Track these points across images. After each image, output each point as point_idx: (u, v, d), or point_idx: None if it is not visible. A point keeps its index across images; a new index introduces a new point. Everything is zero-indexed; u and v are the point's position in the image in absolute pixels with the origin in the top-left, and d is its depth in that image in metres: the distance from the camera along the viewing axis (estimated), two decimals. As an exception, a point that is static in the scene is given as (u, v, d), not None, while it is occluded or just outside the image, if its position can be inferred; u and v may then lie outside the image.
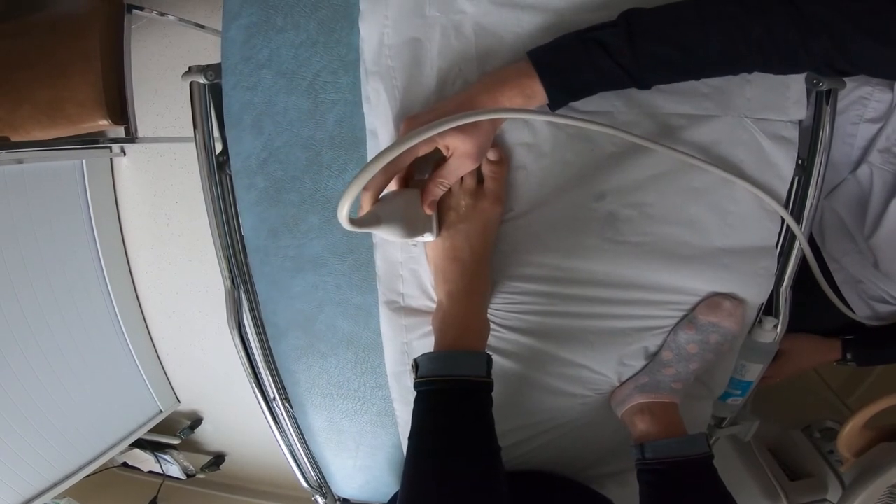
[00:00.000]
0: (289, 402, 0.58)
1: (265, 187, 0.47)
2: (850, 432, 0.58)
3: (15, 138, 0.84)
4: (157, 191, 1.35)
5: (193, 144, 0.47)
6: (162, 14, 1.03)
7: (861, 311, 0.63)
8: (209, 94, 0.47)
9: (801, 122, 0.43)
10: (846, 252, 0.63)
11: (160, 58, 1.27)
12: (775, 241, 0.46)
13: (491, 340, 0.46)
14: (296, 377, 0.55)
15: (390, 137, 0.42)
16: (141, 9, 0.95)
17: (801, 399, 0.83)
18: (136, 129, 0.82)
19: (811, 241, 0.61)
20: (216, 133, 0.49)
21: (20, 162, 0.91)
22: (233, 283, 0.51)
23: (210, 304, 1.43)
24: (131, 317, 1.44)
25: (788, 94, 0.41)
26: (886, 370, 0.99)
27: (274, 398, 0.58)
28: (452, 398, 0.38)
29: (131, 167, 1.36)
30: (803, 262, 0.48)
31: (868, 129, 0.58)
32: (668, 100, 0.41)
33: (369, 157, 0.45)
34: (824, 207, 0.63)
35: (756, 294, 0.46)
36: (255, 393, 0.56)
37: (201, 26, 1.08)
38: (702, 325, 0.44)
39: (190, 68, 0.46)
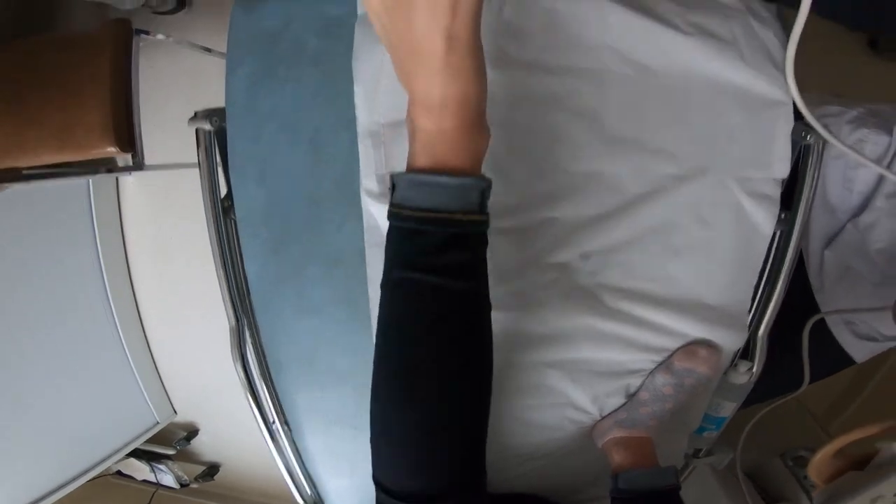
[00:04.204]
0: (287, 426, 0.60)
1: (268, 238, 0.50)
2: (821, 461, 0.61)
3: (23, 161, 0.86)
4: (161, 207, 1.38)
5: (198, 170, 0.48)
6: (168, 37, 1.06)
7: (854, 351, 0.64)
8: (215, 139, 0.49)
9: (784, 180, 0.45)
10: (856, 297, 0.59)
11: (167, 78, 1.30)
12: (752, 295, 0.49)
13: None
14: (295, 404, 0.57)
15: (380, 193, 0.44)
16: (148, 33, 0.98)
17: (784, 425, 0.86)
18: (143, 157, 0.85)
19: (804, 285, 0.61)
20: (222, 170, 0.51)
21: (28, 179, 0.94)
22: (237, 320, 0.53)
23: (209, 318, 1.45)
24: (131, 330, 1.47)
25: (773, 151, 0.44)
26: (868, 398, 1.02)
27: (273, 421, 0.59)
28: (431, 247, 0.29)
29: (136, 184, 1.39)
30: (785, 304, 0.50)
31: (868, 174, 0.56)
32: (658, 159, 0.44)
33: (364, 216, 0.46)
34: (826, 257, 0.61)
35: (732, 342, 0.49)
36: (255, 417, 0.58)
37: (208, 50, 1.11)
38: (678, 371, 0.47)
39: (196, 114, 0.48)
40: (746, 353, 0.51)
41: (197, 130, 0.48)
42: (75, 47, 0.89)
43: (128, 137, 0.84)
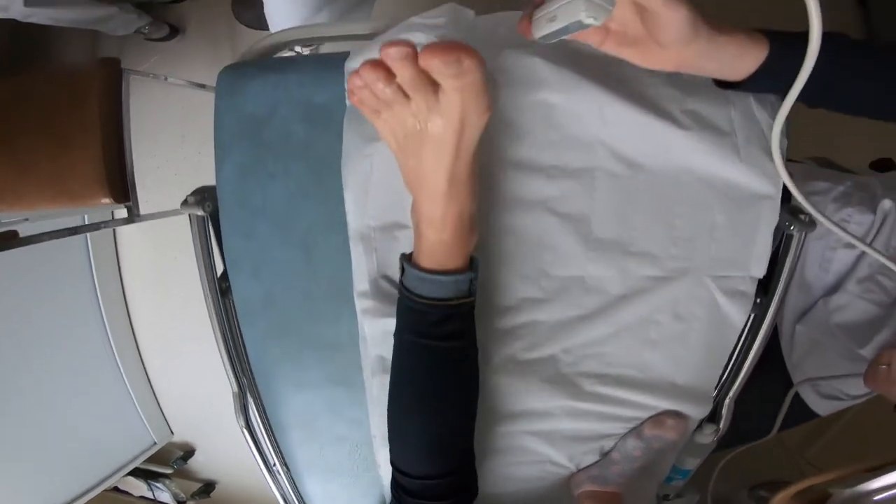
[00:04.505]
0: (287, 467, 0.62)
1: (266, 327, 0.51)
2: (780, 501, 0.65)
3: (18, 207, 0.86)
4: (158, 242, 1.39)
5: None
6: (159, 76, 1.06)
7: (817, 407, 0.67)
8: (209, 221, 0.50)
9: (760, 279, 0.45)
10: (822, 365, 0.62)
11: (159, 110, 1.31)
12: (720, 378, 0.52)
13: None
14: (295, 456, 0.60)
15: (374, 296, 0.46)
16: (138, 72, 0.98)
17: (757, 455, 0.90)
18: (138, 207, 0.86)
19: (775, 346, 0.62)
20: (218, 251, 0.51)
21: (25, 220, 0.95)
22: (239, 386, 0.56)
23: (205, 345, 1.47)
24: (128, 357, 1.51)
25: (753, 250, 0.45)
26: (841, 429, 1.05)
27: (274, 464, 0.62)
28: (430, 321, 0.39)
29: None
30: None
31: (845, 255, 0.57)
32: (640, 262, 0.46)
33: (358, 316, 0.47)
34: (797, 331, 0.63)
35: (699, 412, 0.52)
36: (257, 462, 0.60)
37: (202, 86, 1.12)
38: (647, 437, 0.51)
39: (186, 199, 0.48)
40: (712, 416, 0.55)
41: (190, 216, 0.49)
42: (65, 87, 0.88)
43: (122, 188, 0.84)
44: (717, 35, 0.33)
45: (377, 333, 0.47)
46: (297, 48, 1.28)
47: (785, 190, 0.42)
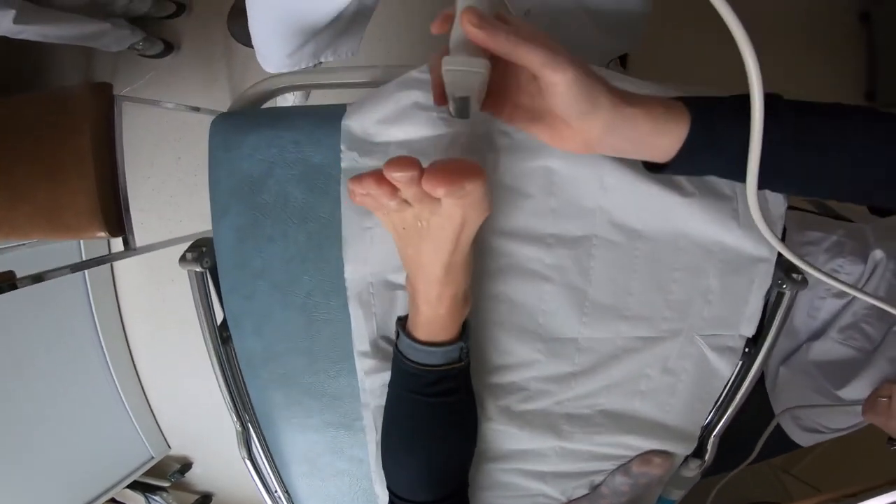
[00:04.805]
0: (288, 495, 0.63)
1: (268, 378, 0.51)
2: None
3: (13, 237, 0.86)
4: (155, 267, 1.39)
5: (192, 230, 0.49)
6: (150, 102, 1.04)
7: (799, 439, 0.69)
8: (208, 276, 0.50)
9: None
10: (803, 402, 0.63)
11: (155, 134, 1.29)
12: (705, 422, 0.54)
13: None
14: (296, 486, 0.61)
15: (374, 355, 0.47)
16: (131, 98, 0.96)
17: (743, 474, 0.91)
18: (134, 240, 0.86)
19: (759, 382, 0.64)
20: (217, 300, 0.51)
21: (23, 244, 0.95)
22: (242, 425, 0.56)
23: (201, 360, 1.48)
24: (124, 370, 1.52)
25: (745, 311, 0.46)
26: (830, 445, 1.07)
27: (276, 490, 0.63)
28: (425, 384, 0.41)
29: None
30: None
31: (833, 304, 0.59)
32: (634, 325, 0.46)
33: (358, 374, 0.48)
34: (781, 372, 0.65)
35: (685, 450, 0.54)
36: (259, 490, 0.61)
37: (195, 109, 1.11)
38: (635, 473, 0.53)
39: (185, 255, 0.49)
40: (698, 451, 0.56)
41: (189, 272, 0.49)
42: (56, 114, 0.86)
43: (116, 220, 0.84)
44: (623, 106, 0.29)
45: (377, 387, 0.48)
46: (298, 69, 1.28)
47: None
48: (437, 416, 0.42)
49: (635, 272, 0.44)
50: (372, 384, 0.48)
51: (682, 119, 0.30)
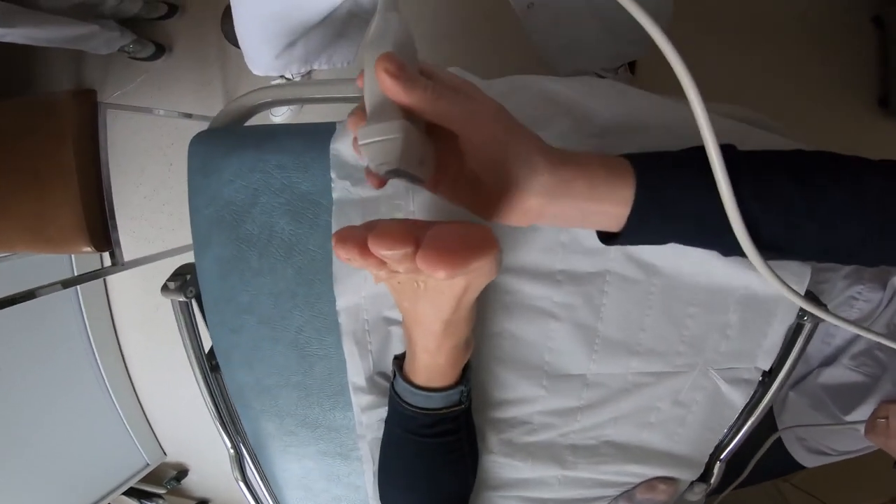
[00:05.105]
0: None
1: (261, 410, 0.49)
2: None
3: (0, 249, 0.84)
4: (146, 271, 1.35)
5: (184, 240, 0.47)
6: (137, 109, 1.00)
7: (803, 460, 0.68)
8: (193, 304, 0.47)
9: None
10: (806, 420, 0.62)
11: (146, 139, 1.26)
12: (714, 449, 0.52)
13: None
14: None
15: (370, 391, 0.44)
16: (116, 105, 0.93)
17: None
18: (121, 256, 0.83)
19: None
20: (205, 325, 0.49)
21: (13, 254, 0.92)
22: (235, 450, 0.54)
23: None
24: (117, 379, 1.50)
25: (763, 344, 0.43)
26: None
27: None
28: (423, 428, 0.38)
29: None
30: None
31: (848, 331, 0.58)
32: (646, 360, 0.44)
33: (356, 411, 0.46)
34: (790, 396, 0.64)
35: (690, 476, 0.52)
36: None
37: (187, 115, 1.07)
38: (639, 500, 0.52)
39: (166, 284, 0.47)
40: (703, 475, 0.54)
41: (171, 301, 0.47)
42: (39, 122, 0.82)
43: (102, 235, 0.81)
44: (562, 169, 0.25)
45: (374, 422, 0.46)
46: (289, 74, 1.24)
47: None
48: (437, 454, 0.40)
49: (650, 308, 0.42)
50: (369, 419, 0.46)
51: (624, 179, 0.27)
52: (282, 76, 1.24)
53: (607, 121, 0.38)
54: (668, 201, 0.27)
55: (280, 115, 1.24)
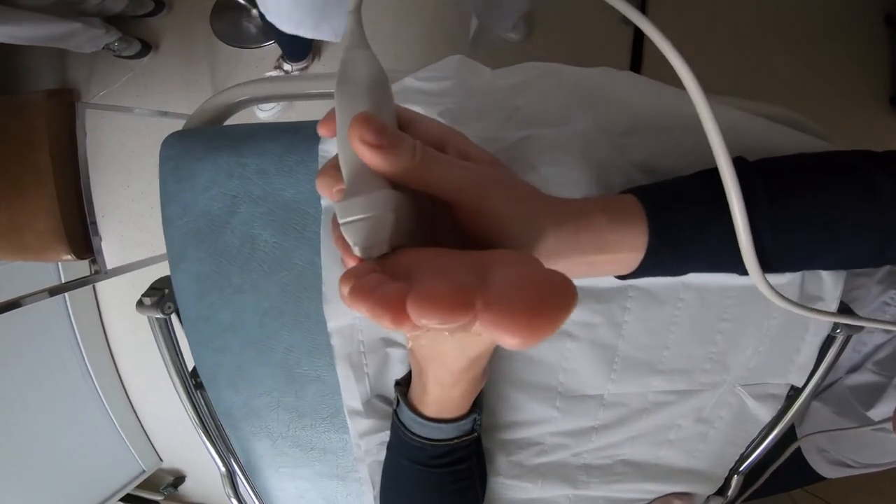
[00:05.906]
0: None
1: (251, 431, 0.46)
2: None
3: None
4: (136, 274, 1.33)
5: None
6: (117, 108, 0.96)
7: (824, 471, 0.66)
8: (172, 320, 0.44)
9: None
10: (831, 435, 0.61)
11: (133, 138, 1.23)
12: (733, 465, 0.49)
13: None
14: None
15: (368, 415, 0.41)
16: (95, 105, 0.89)
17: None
18: (104, 263, 0.79)
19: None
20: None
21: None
22: (227, 468, 0.51)
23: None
24: (109, 386, 1.48)
25: (796, 359, 0.40)
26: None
27: None
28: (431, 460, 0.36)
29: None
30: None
31: (877, 338, 0.57)
32: (668, 379, 0.41)
33: (352, 438, 0.43)
34: (813, 406, 0.62)
35: (708, 491, 0.50)
36: None
37: (164, 113, 1.03)
38: None
39: (141, 300, 0.43)
40: (721, 488, 0.52)
41: (149, 318, 0.43)
42: (14, 124, 0.77)
43: (83, 241, 0.77)
44: (562, 223, 0.22)
45: (373, 447, 0.43)
46: (287, 67, 1.19)
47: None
48: (446, 484, 0.38)
49: (675, 325, 0.38)
50: (368, 444, 0.43)
51: (636, 228, 0.25)
52: (278, 67, 1.20)
53: (631, 118, 0.35)
54: (684, 242, 0.26)
55: (268, 111, 1.20)
